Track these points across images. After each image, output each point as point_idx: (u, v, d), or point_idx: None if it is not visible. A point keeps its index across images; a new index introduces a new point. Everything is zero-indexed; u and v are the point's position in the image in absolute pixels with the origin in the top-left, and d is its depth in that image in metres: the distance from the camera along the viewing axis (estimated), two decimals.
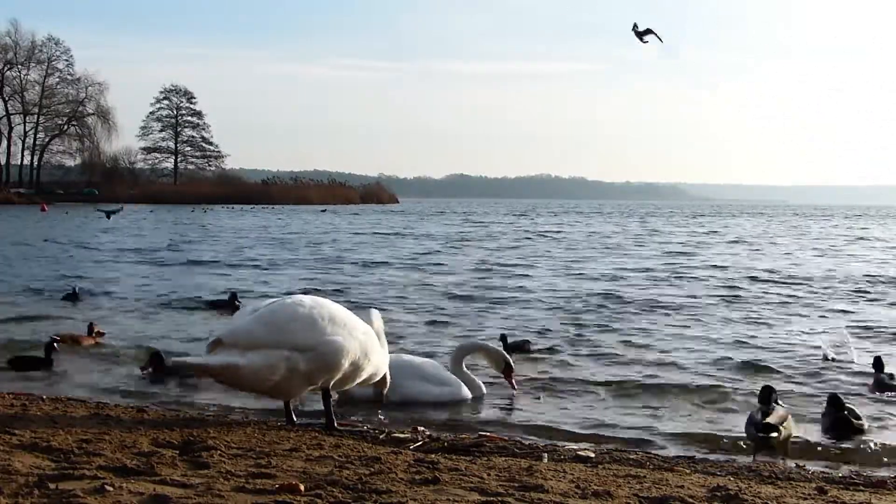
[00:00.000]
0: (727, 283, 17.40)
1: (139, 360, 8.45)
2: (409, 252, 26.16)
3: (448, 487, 4.05)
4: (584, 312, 12.82)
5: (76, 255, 23.07)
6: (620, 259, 24.17)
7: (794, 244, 33.26)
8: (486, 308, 13.23)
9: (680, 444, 6.13)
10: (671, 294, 15.39)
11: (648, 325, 11.58)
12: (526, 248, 29.32)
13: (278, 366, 5.39)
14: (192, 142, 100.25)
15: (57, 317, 11.53)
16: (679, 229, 47.86)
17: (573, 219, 64.70)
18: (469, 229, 44.12)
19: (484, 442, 5.59)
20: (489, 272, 19.31)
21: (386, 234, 38.01)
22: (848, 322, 12.00)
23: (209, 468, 4.24)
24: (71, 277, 16.36)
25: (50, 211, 57.69)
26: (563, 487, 4.16)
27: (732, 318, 12.36)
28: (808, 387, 7.96)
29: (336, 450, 4.90)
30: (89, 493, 3.63)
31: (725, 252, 28.02)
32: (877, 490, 4.74)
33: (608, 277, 18.43)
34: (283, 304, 5.60)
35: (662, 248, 29.86)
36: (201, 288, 15.32)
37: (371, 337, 5.76)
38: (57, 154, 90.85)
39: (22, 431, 4.88)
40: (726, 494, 4.16)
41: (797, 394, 7.63)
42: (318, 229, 40.94)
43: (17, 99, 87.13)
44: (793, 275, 19.23)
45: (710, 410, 7.11)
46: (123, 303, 13.27)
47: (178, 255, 23.36)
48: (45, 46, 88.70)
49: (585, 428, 6.52)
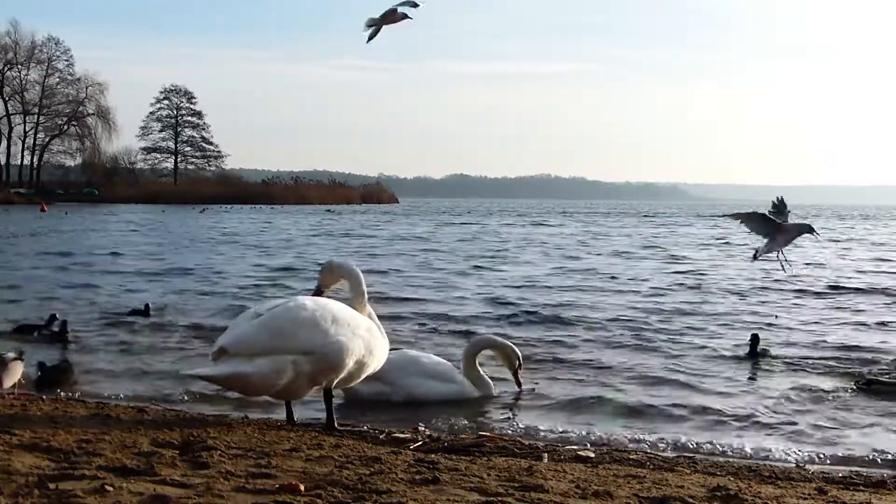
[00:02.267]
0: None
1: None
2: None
3: (448, 487, 4.05)
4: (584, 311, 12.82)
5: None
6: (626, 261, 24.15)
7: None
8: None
9: (680, 443, 6.13)
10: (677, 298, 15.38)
11: (646, 325, 11.56)
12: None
13: (285, 370, 5.40)
14: (192, 142, 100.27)
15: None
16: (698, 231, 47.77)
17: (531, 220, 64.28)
18: (421, 229, 43.18)
19: (484, 442, 5.59)
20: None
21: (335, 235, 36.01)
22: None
23: (209, 468, 4.24)
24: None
25: (50, 211, 57.67)
26: (564, 487, 4.16)
27: (744, 320, 12.35)
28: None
29: (336, 450, 4.90)
30: (89, 493, 3.64)
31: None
32: (877, 490, 4.74)
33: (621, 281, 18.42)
34: (286, 308, 5.60)
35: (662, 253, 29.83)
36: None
37: (373, 333, 5.78)
38: (57, 154, 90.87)
39: (22, 431, 4.88)
40: (726, 494, 4.16)
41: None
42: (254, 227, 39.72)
43: (17, 99, 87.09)
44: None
45: (710, 410, 7.11)
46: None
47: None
48: (45, 46, 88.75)
49: (585, 428, 6.51)
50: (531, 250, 27.41)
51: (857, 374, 8.22)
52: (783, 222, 6.56)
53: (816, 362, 8.98)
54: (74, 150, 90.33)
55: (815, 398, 7.48)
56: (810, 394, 7.62)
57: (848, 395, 7.57)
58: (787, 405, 7.24)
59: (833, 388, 7.76)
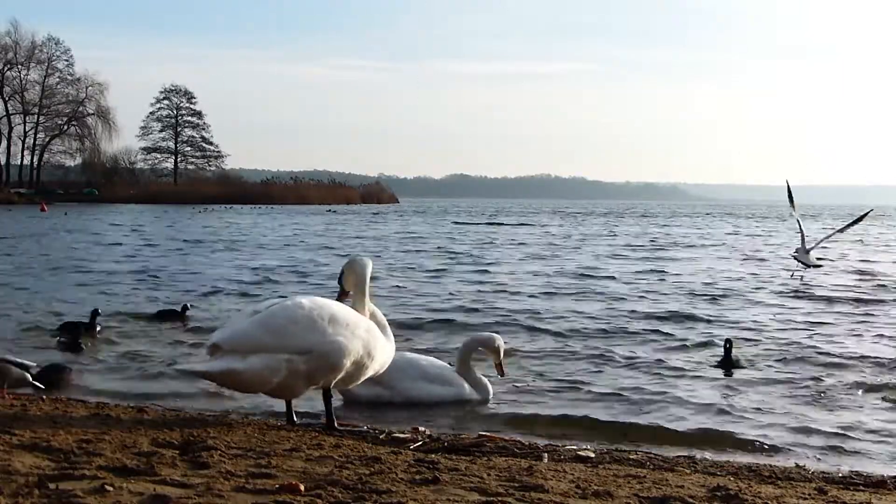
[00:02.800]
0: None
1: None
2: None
3: (448, 487, 4.05)
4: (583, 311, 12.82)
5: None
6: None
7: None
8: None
9: (680, 444, 6.13)
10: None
11: (647, 327, 11.57)
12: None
13: (279, 369, 5.38)
14: (192, 142, 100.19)
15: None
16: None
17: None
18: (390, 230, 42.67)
19: (484, 442, 5.59)
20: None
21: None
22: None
23: (209, 468, 4.24)
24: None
25: (50, 211, 57.66)
26: (564, 487, 4.16)
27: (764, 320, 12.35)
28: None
29: (336, 450, 4.90)
30: (89, 493, 3.63)
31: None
32: (877, 490, 4.74)
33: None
34: (282, 306, 5.58)
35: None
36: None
37: (373, 334, 5.73)
38: (57, 154, 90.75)
39: (22, 431, 4.88)
40: (726, 494, 4.16)
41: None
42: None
43: (17, 99, 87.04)
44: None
45: (710, 410, 7.11)
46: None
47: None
48: (45, 46, 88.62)
49: (585, 428, 6.52)
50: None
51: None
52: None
53: (808, 365, 9.00)
54: (74, 150, 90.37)
55: (811, 398, 7.50)
56: (809, 395, 7.64)
57: (843, 394, 7.58)
58: (786, 404, 7.25)
59: (827, 388, 7.78)
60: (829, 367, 8.77)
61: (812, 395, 7.61)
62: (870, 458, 5.88)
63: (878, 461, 5.81)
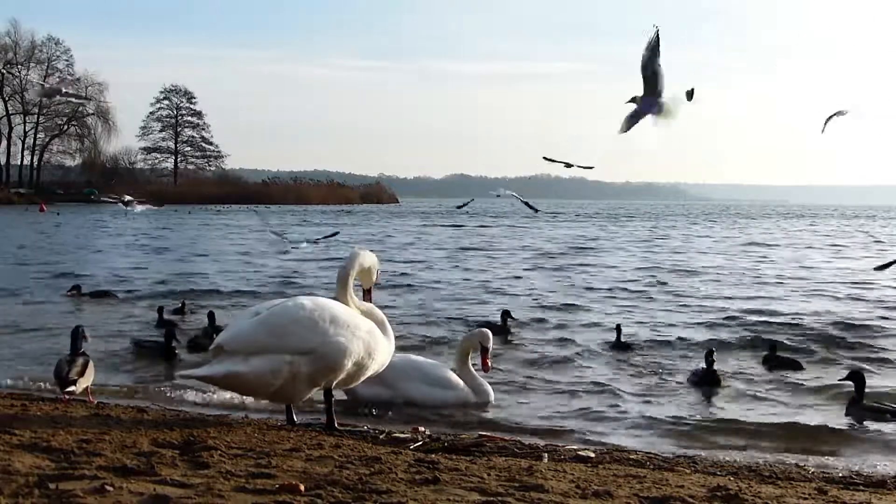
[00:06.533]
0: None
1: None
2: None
3: (448, 487, 4.04)
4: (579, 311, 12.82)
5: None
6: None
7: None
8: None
9: (680, 443, 6.13)
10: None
11: (646, 323, 11.57)
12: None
13: (281, 370, 5.38)
14: (192, 142, 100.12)
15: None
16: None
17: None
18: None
19: (484, 442, 5.59)
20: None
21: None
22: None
23: (209, 468, 4.24)
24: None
25: (49, 211, 57.58)
26: (564, 487, 4.16)
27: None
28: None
29: (336, 450, 4.90)
30: (89, 493, 3.63)
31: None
32: (877, 490, 4.74)
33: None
34: (284, 307, 5.58)
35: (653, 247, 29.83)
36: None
37: (374, 334, 5.72)
38: (57, 154, 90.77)
39: (22, 431, 4.88)
40: (726, 494, 4.16)
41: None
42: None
43: (17, 99, 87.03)
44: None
45: (710, 410, 7.11)
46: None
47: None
48: (45, 46, 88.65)
49: (585, 428, 6.51)
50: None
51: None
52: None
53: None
54: (74, 150, 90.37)
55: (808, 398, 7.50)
56: (806, 392, 7.64)
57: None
58: (784, 404, 7.26)
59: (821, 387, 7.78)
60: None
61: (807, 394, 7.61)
62: (870, 457, 5.89)
63: (878, 461, 5.81)
